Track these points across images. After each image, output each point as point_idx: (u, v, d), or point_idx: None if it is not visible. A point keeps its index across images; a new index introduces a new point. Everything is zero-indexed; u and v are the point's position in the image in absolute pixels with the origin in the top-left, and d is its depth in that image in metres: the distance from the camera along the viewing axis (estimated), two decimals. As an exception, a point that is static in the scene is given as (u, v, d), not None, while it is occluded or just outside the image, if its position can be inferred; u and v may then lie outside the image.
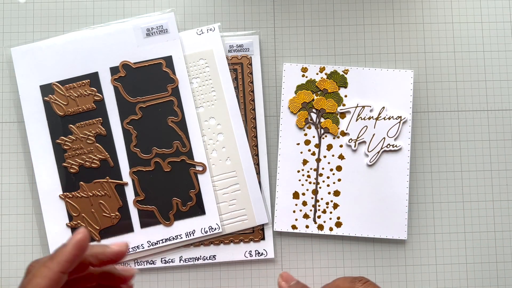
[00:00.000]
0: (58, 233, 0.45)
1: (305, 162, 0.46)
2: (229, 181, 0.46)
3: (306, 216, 0.46)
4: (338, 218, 0.46)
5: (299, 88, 0.46)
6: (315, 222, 0.46)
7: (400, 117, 0.46)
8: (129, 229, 0.46)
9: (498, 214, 0.47)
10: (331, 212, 0.46)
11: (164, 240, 0.45)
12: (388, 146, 0.46)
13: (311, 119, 0.46)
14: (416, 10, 0.48)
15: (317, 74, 0.47)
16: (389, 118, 0.46)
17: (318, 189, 0.46)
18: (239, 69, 0.47)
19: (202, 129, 0.46)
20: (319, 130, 0.46)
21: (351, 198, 0.46)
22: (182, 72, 0.46)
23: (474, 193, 0.47)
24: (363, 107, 0.46)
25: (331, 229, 0.46)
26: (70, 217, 0.45)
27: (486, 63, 0.48)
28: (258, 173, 0.46)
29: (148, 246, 0.45)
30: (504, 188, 0.47)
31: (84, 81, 0.46)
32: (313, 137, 0.46)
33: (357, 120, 0.46)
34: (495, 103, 0.47)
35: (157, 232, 0.45)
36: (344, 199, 0.46)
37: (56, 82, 0.46)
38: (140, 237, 0.45)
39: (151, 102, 0.46)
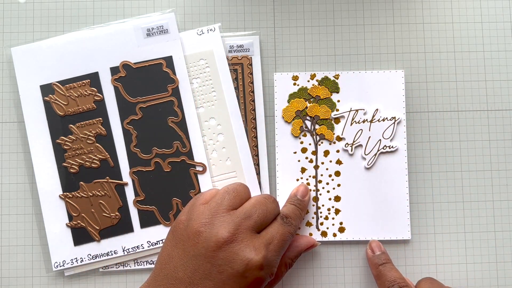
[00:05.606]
0: (58, 233, 0.45)
1: (303, 170, 0.46)
2: (229, 181, 0.46)
3: (309, 224, 0.46)
4: (341, 223, 0.46)
5: (292, 96, 0.47)
6: (318, 229, 0.46)
7: (394, 117, 0.46)
8: (129, 229, 0.46)
9: (498, 214, 0.47)
10: (333, 218, 0.46)
11: (164, 240, 0.45)
12: (385, 147, 0.46)
13: (306, 127, 0.46)
14: (416, 10, 0.48)
15: (308, 81, 0.47)
16: (383, 120, 0.46)
17: (319, 196, 0.46)
18: (239, 69, 0.47)
19: (202, 129, 0.46)
20: (314, 137, 0.46)
21: (352, 203, 0.46)
22: (182, 72, 0.46)
23: (474, 193, 0.47)
24: (357, 110, 0.46)
25: (334, 235, 0.46)
26: (70, 217, 0.45)
27: (486, 63, 0.48)
28: (258, 173, 0.46)
29: (148, 246, 0.45)
30: (504, 188, 0.47)
31: (84, 81, 0.46)
32: (309, 144, 0.46)
33: (351, 124, 0.46)
34: (495, 103, 0.47)
35: (157, 232, 0.45)
36: (345, 204, 0.46)
37: (56, 82, 0.46)
38: (140, 237, 0.45)
39: (151, 102, 0.46)
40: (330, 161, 0.46)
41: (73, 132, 0.46)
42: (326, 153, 0.46)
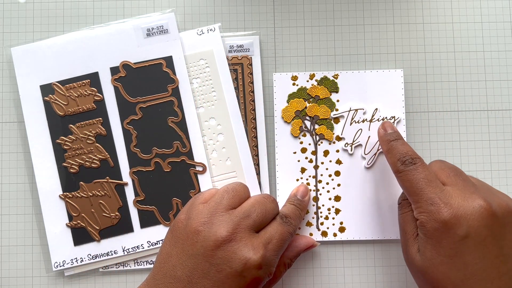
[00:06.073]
0: (58, 233, 0.45)
1: (303, 170, 0.46)
2: (229, 181, 0.46)
3: (309, 224, 0.46)
4: (341, 223, 0.46)
5: (291, 97, 0.47)
6: (319, 229, 0.46)
7: (394, 117, 0.46)
8: (129, 229, 0.46)
9: (498, 214, 0.47)
10: (333, 218, 0.46)
11: (163, 239, 0.45)
12: None
13: (306, 127, 0.46)
14: (416, 10, 0.48)
15: (308, 81, 0.47)
16: (382, 119, 0.46)
17: (319, 196, 0.46)
18: (239, 69, 0.47)
19: (202, 129, 0.46)
20: (314, 137, 0.46)
21: (352, 202, 0.46)
22: (182, 72, 0.46)
23: (474, 193, 0.47)
24: (356, 110, 0.46)
25: (335, 234, 0.46)
26: (70, 217, 0.45)
27: (486, 63, 0.48)
28: (258, 173, 0.46)
29: (148, 246, 0.45)
30: (504, 188, 0.47)
31: (84, 81, 0.46)
32: (309, 144, 0.46)
33: (351, 124, 0.46)
34: (495, 103, 0.48)
35: (157, 232, 0.45)
36: (345, 203, 0.46)
37: (56, 82, 0.46)
38: (140, 237, 0.45)
39: (151, 102, 0.46)
40: (330, 161, 0.46)
41: (73, 132, 0.46)
42: (326, 153, 0.46)
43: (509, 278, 0.35)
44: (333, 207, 0.46)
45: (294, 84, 0.47)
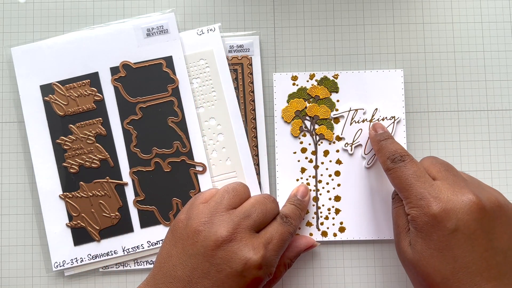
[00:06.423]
0: (58, 233, 0.45)
1: (303, 170, 0.46)
2: (229, 181, 0.46)
3: (309, 224, 0.46)
4: (341, 223, 0.46)
5: (291, 97, 0.47)
6: (319, 229, 0.46)
7: (394, 117, 0.46)
8: (129, 229, 0.46)
9: (498, 214, 0.47)
10: (333, 218, 0.46)
11: (163, 239, 0.45)
12: None
13: (306, 127, 0.46)
14: (416, 10, 0.48)
15: (308, 81, 0.47)
16: (382, 119, 0.46)
17: (319, 196, 0.46)
18: (239, 69, 0.47)
19: (202, 129, 0.46)
20: (314, 137, 0.46)
21: (352, 202, 0.46)
22: (182, 72, 0.46)
23: (474, 193, 0.47)
24: (356, 110, 0.46)
25: (335, 234, 0.46)
26: (70, 217, 0.45)
27: (486, 63, 0.48)
28: (258, 173, 0.46)
29: (148, 246, 0.45)
30: (504, 188, 0.47)
31: (84, 81, 0.46)
32: (309, 144, 0.46)
33: (351, 124, 0.46)
34: (495, 103, 0.48)
35: (157, 232, 0.45)
36: (345, 203, 0.46)
37: (56, 82, 0.46)
38: (140, 237, 0.45)
39: (151, 102, 0.46)
40: (330, 161, 0.46)
41: (73, 132, 0.46)
42: (326, 153, 0.46)
43: (498, 271, 0.35)
44: (333, 207, 0.46)
45: (294, 84, 0.47)
